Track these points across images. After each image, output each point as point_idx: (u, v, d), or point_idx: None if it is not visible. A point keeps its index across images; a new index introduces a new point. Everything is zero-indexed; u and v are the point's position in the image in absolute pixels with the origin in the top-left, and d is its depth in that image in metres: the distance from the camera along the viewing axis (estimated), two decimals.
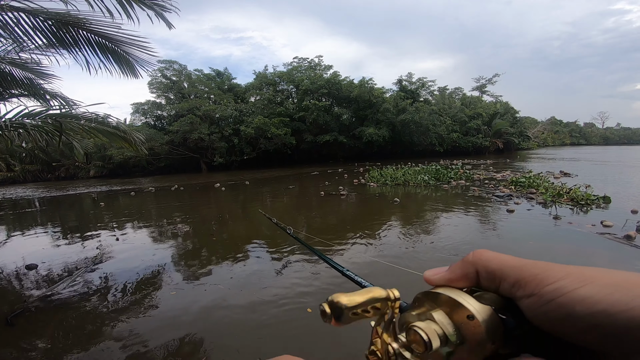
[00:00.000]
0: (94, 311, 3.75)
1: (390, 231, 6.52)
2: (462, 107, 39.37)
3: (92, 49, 4.15)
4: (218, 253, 5.70)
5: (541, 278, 0.25)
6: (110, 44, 4.26)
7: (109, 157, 28.47)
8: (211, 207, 10.78)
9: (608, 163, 20.38)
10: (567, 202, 7.99)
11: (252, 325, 3.25)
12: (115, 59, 4.48)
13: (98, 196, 15.24)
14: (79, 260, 5.68)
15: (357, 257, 5.06)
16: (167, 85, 29.58)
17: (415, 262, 4.69)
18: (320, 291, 3.95)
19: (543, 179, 11.36)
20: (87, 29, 3.89)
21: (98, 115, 5.27)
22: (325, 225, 7.53)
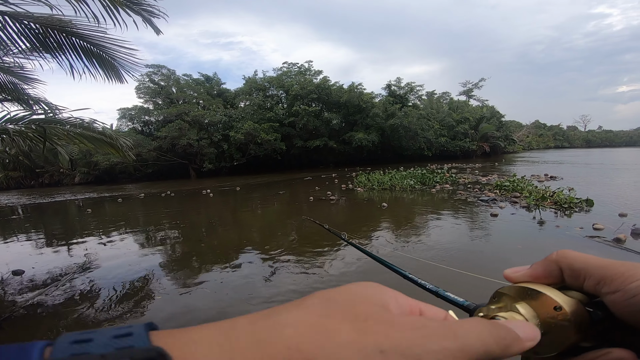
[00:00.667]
0: (82, 317, 3.67)
1: (379, 235, 6.57)
2: (450, 112, 40.08)
3: (77, 54, 4.09)
4: (207, 259, 5.63)
5: (627, 276, 0.26)
6: (96, 49, 4.21)
7: (94, 164, 27.91)
8: (200, 214, 10.66)
9: (591, 165, 20.97)
10: (551, 206, 8.00)
11: None
12: (100, 64, 4.42)
13: (84, 203, 14.90)
14: (67, 266, 5.55)
15: (349, 260, 5.07)
16: (155, 90, 29.27)
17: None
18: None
19: (527, 182, 11.45)
20: (72, 34, 3.84)
21: (83, 121, 5.18)
22: (316, 230, 7.54)
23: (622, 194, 9.36)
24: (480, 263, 4.82)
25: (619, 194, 9.46)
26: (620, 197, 8.84)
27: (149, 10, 4.10)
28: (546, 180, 13.11)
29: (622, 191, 9.97)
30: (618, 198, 8.74)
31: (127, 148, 5.84)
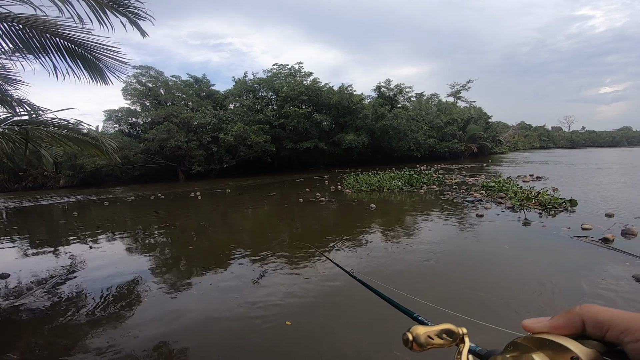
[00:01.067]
0: (68, 320, 3.60)
1: (366, 238, 6.63)
2: (438, 113, 40.62)
3: (61, 55, 4.02)
4: (195, 262, 5.59)
5: None
6: (80, 50, 4.14)
7: (79, 166, 27.32)
8: (189, 216, 10.56)
9: (575, 166, 21.52)
10: (535, 206, 8.05)
11: (229, 334, 3.22)
12: (85, 65, 4.35)
13: (69, 206, 14.58)
14: (52, 270, 5.44)
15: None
16: (142, 92, 28.83)
17: (393, 271, 4.79)
18: (296, 303, 3.96)
19: (512, 183, 11.55)
20: (56, 34, 3.77)
21: (68, 122, 5.09)
22: (305, 232, 7.56)
23: (605, 194, 9.55)
24: (470, 270, 4.91)
25: (602, 194, 9.66)
26: (603, 197, 9.00)
27: (135, 12, 4.06)
28: (532, 181, 13.32)
29: (605, 191, 10.18)
30: (601, 198, 8.91)
31: (112, 150, 5.76)
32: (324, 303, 3.71)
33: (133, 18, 4.05)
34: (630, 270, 4.02)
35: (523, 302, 3.41)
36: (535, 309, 3.23)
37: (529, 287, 3.72)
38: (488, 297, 3.54)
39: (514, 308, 3.28)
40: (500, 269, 4.45)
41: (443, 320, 0.40)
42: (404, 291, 3.44)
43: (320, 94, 31.35)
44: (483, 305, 3.38)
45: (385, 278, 4.16)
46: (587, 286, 3.63)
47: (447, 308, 2.89)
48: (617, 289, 3.53)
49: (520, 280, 3.95)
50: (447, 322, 0.41)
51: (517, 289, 3.75)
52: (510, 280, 4.03)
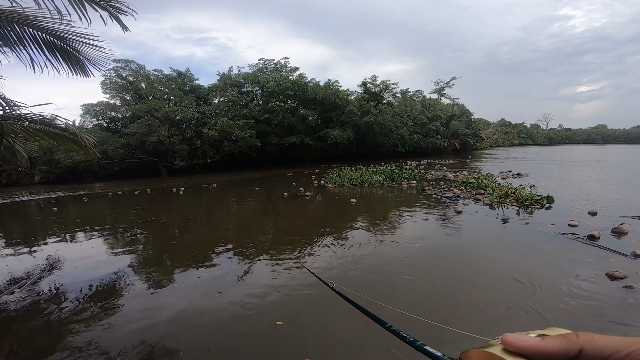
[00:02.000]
0: (49, 319, 3.52)
1: (346, 233, 6.73)
2: (423, 109, 41.21)
3: (39, 47, 3.86)
4: (178, 258, 5.54)
5: None
6: (60, 42, 3.99)
7: (56, 162, 26.28)
8: (172, 212, 10.39)
9: (552, 162, 22.33)
10: (513, 203, 8.08)
11: (213, 331, 3.24)
12: (65, 58, 4.20)
13: (45, 203, 14.05)
14: (31, 268, 5.28)
15: (323, 259, 5.18)
16: (122, 86, 27.91)
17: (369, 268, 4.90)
18: (283, 298, 4.01)
19: (491, 179, 11.62)
20: (34, 26, 3.62)
21: (44, 117, 4.92)
22: (290, 226, 7.60)
23: (582, 191, 9.74)
24: (450, 269, 5.05)
25: (579, 191, 9.84)
26: (581, 194, 9.16)
27: (116, 6, 3.94)
28: (512, 178, 13.45)
29: (582, 188, 10.37)
30: (579, 195, 9.06)
31: (90, 144, 5.60)
32: (311, 300, 3.77)
33: (114, 12, 3.93)
34: (610, 266, 4.09)
35: (501, 303, 3.38)
36: (515, 315, 3.18)
37: (509, 286, 3.71)
38: (473, 297, 3.52)
39: (489, 310, 3.25)
40: (484, 265, 4.58)
41: (417, 328, 0.40)
42: (382, 293, 3.51)
43: (306, 89, 31.23)
44: (472, 307, 3.34)
45: (361, 280, 4.24)
46: (569, 287, 3.62)
47: (428, 310, 2.92)
48: (590, 287, 3.62)
49: (502, 280, 3.92)
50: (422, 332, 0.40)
51: (496, 288, 3.74)
52: (491, 279, 4.05)
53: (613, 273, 3.86)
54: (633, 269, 4.02)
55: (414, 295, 3.70)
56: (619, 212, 6.86)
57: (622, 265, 4.12)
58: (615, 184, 11.25)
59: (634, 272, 3.92)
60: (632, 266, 4.11)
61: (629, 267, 4.07)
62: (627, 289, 3.51)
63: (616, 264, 4.20)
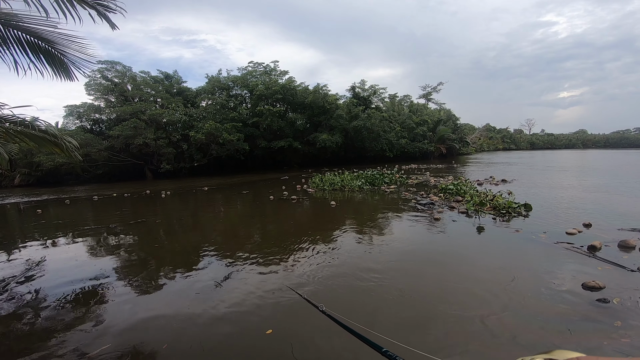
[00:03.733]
0: (29, 324, 3.43)
1: (324, 236, 6.77)
2: (410, 114, 41.83)
3: (23, 49, 3.78)
4: (162, 263, 5.47)
5: None
6: (44, 44, 3.91)
7: (37, 164, 25.49)
8: (157, 216, 10.22)
9: (535, 167, 22.92)
10: (490, 211, 7.80)
11: (196, 337, 3.22)
12: (49, 60, 4.12)
13: (26, 206, 13.60)
14: (11, 271, 5.12)
15: (306, 267, 5.20)
16: (107, 87, 27.34)
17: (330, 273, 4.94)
18: (269, 304, 4.01)
19: (470, 186, 11.28)
20: (18, 27, 3.54)
21: (24, 119, 4.81)
22: (277, 234, 7.60)
23: (567, 198, 9.49)
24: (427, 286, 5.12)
25: (564, 197, 9.63)
26: (566, 203, 8.81)
27: (105, 4, 3.89)
28: (495, 185, 12.99)
29: (568, 196, 10.02)
30: (564, 203, 8.74)
31: (73, 147, 5.50)
32: (296, 307, 3.78)
33: (102, 10, 3.87)
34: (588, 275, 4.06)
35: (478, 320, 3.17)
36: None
37: (491, 299, 3.59)
38: (461, 314, 3.32)
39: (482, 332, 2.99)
40: (472, 276, 4.68)
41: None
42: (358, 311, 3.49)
43: (295, 93, 31.28)
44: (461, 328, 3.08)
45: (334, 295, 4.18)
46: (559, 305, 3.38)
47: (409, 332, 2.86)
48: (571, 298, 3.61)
49: (492, 293, 3.69)
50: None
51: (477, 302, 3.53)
52: (478, 290, 4.04)
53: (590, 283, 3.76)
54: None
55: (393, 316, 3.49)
56: (610, 221, 6.66)
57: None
58: (598, 191, 11.08)
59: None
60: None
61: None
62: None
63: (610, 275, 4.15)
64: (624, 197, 9.64)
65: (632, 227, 6.14)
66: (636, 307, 3.32)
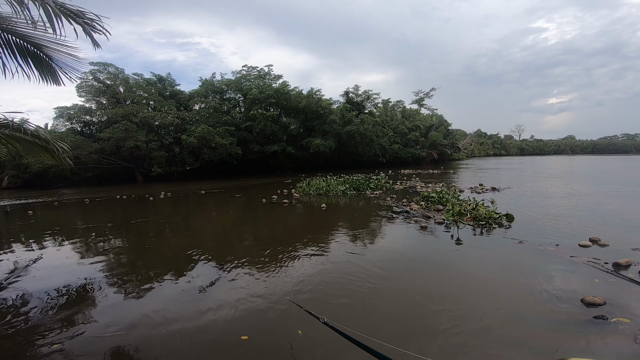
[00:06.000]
0: (15, 326, 3.37)
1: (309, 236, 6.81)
2: (403, 120, 42.23)
3: (11, 52, 3.77)
4: (150, 267, 5.43)
5: None
6: (33, 48, 3.90)
7: (24, 166, 25.05)
8: (147, 220, 10.13)
9: (525, 174, 23.24)
10: (469, 222, 7.44)
11: (182, 341, 3.22)
12: (36, 64, 4.11)
13: (14, 208, 13.34)
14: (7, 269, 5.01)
15: (294, 276, 5.21)
16: (99, 89, 27.07)
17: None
18: (255, 314, 4.02)
19: (452, 194, 10.95)
20: (8, 30, 3.53)
21: (12, 122, 4.76)
22: (268, 241, 7.60)
23: (558, 207, 9.26)
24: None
25: (551, 206, 9.43)
26: (549, 213, 8.52)
27: (91, 25, 3.91)
28: (481, 193, 12.57)
29: (558, 205, 9.73)
30: (543, 213, 8.51)
31: (63, 152, 5.44)
32: (287, 313, 3.80)
33: (88, 29, 3.89)
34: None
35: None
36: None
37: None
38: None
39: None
40: (469, 287, 4.74)
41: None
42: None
43: (289, 97, 31.36)
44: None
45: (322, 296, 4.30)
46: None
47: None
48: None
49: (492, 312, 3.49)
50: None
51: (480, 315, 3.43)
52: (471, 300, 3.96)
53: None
54: None
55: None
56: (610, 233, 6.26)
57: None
58: (590, 199, 11.05)
59: None
60: None
61: None
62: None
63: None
64: (618, 206, 9.34)
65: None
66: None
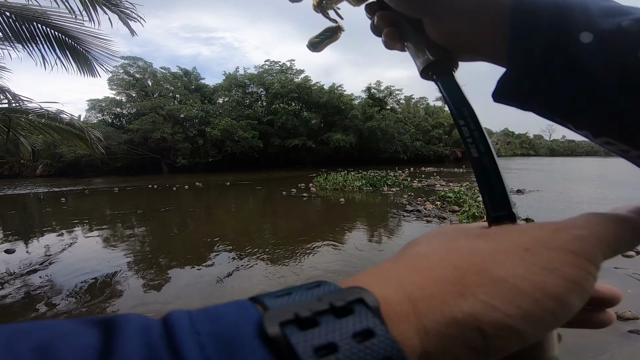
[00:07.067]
0: (41, 314, 3.56)
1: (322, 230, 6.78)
2: (426, 117, 41.33)
3: (50, 45, 3.96)
4: (174, 256, 5.58)
5: None
6: (70, 40, 4.09)
7: (58, 156, 26.48)
8: (172, 209, 10.45)
9: (554, 176, 22.23)
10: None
11: None
12: (74, 56, 4.30)
13: (50, 195, 14.16)
14: (25, 261, 5.33)
15: (315, 269, 5.22)
16: (129, 83, 28.18)
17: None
18: None
19: (471, 195, 10.40)
20: (47, 24, 3.72)
21: (49, 112, 5.00)
22: (289, 233, 7.66)
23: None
24: None
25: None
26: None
27: (126, 13, 4.05)
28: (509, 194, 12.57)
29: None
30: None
31: (96, 141, 5.68)
32: None
33: (124, 17, 4.03)
34: None
35: None
36: None
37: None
38: None
39: None
40: None
41: None
42: None
43: (310, 92, 31.40)
44: None
45: None
46: None
47: None
48: None
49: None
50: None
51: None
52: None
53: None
54: None
55: None
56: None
57: None
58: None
59: None
60: None
61: None
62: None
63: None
64: None
65: None
66: None
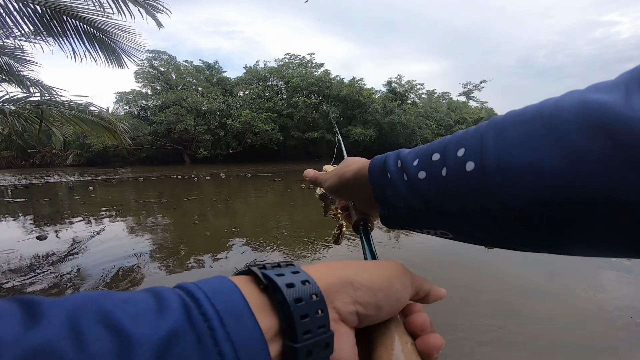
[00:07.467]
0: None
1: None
2: (449, 112, 40.19)
3: (79, 37, 4.08)
4: (194, 243, 5.69)
5: None
6: (98, 33, 4.19)
7: (88, 146, 27.65)
8: (194, 199, 10.68)
9: None
10: None
11: None
12: (102, 48, 4.41)
13: (75, 184, 14.84)
14: (54, 249, 5.57)
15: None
16: (154, 76, 28.93)
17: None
18: None
19: None
20: (76, 17, 3.82)
21: (79, 104, 5.17)
22: (308, 227, 7.64)
23: None
24: None
25: None
26: None
27: (153, 5, 4.10)
28: None
29: None
30: None
31: (124, 133, 5.84)
32: None
33: (150, 10, 4.09)
34: None
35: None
36: None
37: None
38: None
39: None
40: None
41: None
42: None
43: (330, 85, 31.16)
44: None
45: None
46: None
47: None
48: None
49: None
50: None
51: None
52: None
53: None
54: None
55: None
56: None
57: None
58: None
59: None
60: None
61: None
62: None
63: None
64: None
65: None
66: None
